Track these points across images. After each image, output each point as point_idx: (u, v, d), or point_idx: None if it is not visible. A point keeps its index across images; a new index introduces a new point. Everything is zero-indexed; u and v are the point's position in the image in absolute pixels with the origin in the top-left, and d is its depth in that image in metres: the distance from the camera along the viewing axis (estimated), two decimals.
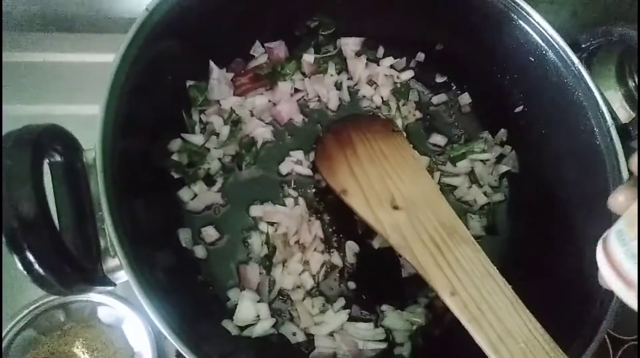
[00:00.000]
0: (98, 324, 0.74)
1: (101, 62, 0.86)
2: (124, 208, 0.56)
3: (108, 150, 0.55)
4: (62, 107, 0.84)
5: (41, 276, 0.44)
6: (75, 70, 0.86)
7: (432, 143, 0.87)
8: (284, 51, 0.85)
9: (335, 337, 0.71)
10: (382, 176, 0.73)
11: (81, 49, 0.89)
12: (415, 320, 0.74)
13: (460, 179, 0.84)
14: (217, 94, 0.79)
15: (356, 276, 0.76)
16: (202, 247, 0.73)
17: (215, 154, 0.77)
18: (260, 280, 0.72)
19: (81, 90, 0.77)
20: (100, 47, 0.88)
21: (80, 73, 0.86)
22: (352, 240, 0.77)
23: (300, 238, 0.75)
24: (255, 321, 0.69)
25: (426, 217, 0.68)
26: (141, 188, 0.65)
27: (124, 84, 0.59)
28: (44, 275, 0.45)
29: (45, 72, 0.87)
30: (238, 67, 0.83)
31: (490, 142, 0.86)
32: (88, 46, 0.89)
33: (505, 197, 0.84)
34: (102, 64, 0.82)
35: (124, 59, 0.59)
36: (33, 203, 0.43)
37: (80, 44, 0.89)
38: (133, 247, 0.53)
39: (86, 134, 0.57)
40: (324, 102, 0.86)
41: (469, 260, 0.63)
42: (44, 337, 0.72)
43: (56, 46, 0.89)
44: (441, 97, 0.90)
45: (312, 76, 0.86)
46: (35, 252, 0.43)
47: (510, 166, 0.84)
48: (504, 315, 0.58)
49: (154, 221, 0.67)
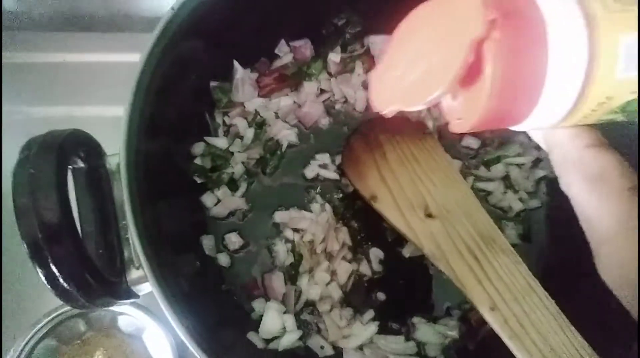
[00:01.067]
0: (118, 333, 0.72)
1: (121, 62, 0.84)
2: (148, 216, 0.53)
3: (132, 154, 0.53)
4: (83, 109, 0.82)
5: (65, 290, 0.42)
6: (95, 70, 0.84)
7: (465, 146, 0.83)
8: (309, 50, 0.82)
9: (365, 350, 0.68)
10: (413, 181, 0.70)
11: (101, 49, 0.87)
12: (448, 333, 0.70)
13: (495, 184, 0.80)
14: (242, 96, 0.76)
15: (386, 287, 0.73)
16: (225, 255, 0.71)
17: (239, 158, 0.75)
18: (286, 290, 0.70)
19: (102, 91, 0.75)
20: (121, 46, 0.86)
21: (100, 73, 0.84)
22: (378, 247, 0.74)
23: (327, 246, 0.72)
24: (281, 333, 0.66)
25: (462, 225, 0.64)
26: (164, 194, 0.62)
27: (148, 85, 0.57)
28: (68, 289, 0.43)
29: (65, 72, 0.86)
30: (263, 67, 0.80)
31: (526, 145, 0.81)
32: (108, 46, 0.87)
33: (543, 203, 0.80)
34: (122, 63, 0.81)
35: (149, 59, 0.57)
36: (57, 213, 0.41)
37: (100, 43, 0.87)
38: (157, 257, 0.51)
39: (108, 138, 0.55)
40: (350, 104, 0.83)
41: (509, 272, 0.60)
42: (65, 346, 0.70)
43: (76, 46, 0.88)
44: None
45: (339, 76, 0.83)
46: (59, 265, 0.41)
47: (548, 171, 0.80)
48: (547, 332, 0.54)
49: (177, 228, 0.65)
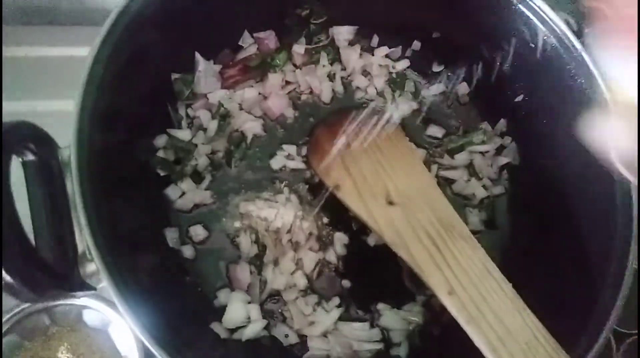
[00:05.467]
0: (84, 328, 0.71)
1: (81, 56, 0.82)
2: (104, 209, 0.53)
3: (85, 147, 0.52)
4: (42, 103, 0.81)
5: (9, 284, 0.42)
6: (57, 64, 0.83)
7: (429, 135, 0.84)
8: (274, 41, 0.82)
9: (329, 338, 0.68)
10: (376, 170, 0.70)
11: (64, 43, 0.85)
12: (412, 319, 0.71)
13: (459, 172, 0.81)
14: (204, 87, 0.76)
15: (351, 275, 0.73)
16: (190, 247, 0.70)
17: (203, 150, 0.74)
18: (251, 280, 0.70)
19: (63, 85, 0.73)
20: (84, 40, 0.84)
21: (62, 67, 0.83)
22: (342, 232, 0.74)
23: (293, 236, 0.72)
24: (245, 323, 0.67)
25: (422, 213, 0.65)
26: (124, 187, 0.62)
27: (101, 77, 0.57)
28: (13, 284, 0.42)
29: (26, 67, 0.84)
30: (226, 58, 0.80)
31: (489, 133, 0.82)
32: (71, 39, 0.86)
33: (506, 190, 0.81)
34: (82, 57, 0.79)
35: (100, 51, 0.57)
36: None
37: (62, 37, 0.86)
38: (113, 250, 0.51)
39: (65, 131, 0.54)
40: (316, 95, 0.83)
41: (468, 258, 0.61)
42: (28, 342, 0.70)
43: (38, 40, 0.86)
44: (438, 87, 0.86)
45: (304, 67, 0.83)
46: (4, 261, 0.40)
47: (511, 158, 0.81)
48: (504, 315, 0.56)
49: (138, 221, 0.65)
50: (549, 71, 0.71)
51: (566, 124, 0.71)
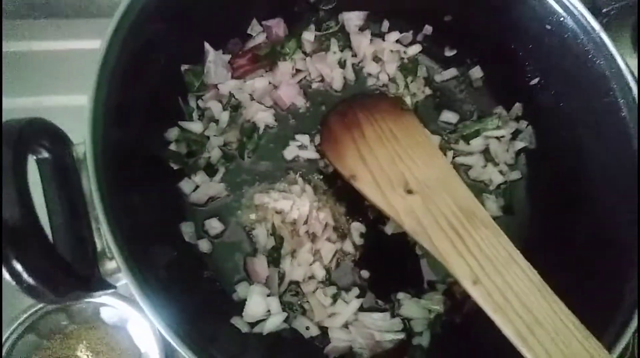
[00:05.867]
0: (102, 325, 0.71)
1: (89, 49, 0.81)
2: (120, 205, 0.52)
3: (99, 142, 0.51)
4: (51, 99, 0.80)
5: (32, 286, 0.41)
6: (62, 58, 0.82)
7: (444, 121, 0.82)
8: (283, 29, 0.80)
9: (351, 329, 0.67)
10: (392, 158, 0.69)
11: (68, 36, 0.84)
12: (433, 308, 0.70)
13: (475, 158, 0.79)
14: (214, 78, 0.75)
15: (370, 265, 0.72)
16: (206, 241, 0.70)
17: (215, 142, 0.73)
18: (269, 272, 0.69)
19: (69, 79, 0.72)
20: (88, 33, 0.83)
21: (68, 61, 0.81)
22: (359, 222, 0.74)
23: (309, 227, 0.71)
24: (265, 316, 0.66)
25: (443, 201, 0.64)
26: (138, 182, 0.61)
27: (113, 71, 0.55)
28: (35, 285, 0.41)
29: (31, 61, 0.83)
30: (235, 48, 0.78)
31: (504, 118, 0.81)
32: (75, 33, 0.84)
33: (523, 175, 0.80)
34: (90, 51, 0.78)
35: (111, 44, 0.55)
36: (17, 206, 0.40)
37: (66, 30, 0.85)
38: (132, 247, 0.50)
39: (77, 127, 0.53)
40: (327, 83, 0.82)
41: (491, 245, 0.60)
42: (46, 341, 0.69)
43: (42, 34, 0.85)
44: (451, 72, 0.85)
45: (314, 55, 0.81)
46: (23, 261, 0.39)
47: (527, 142, 0.80)
48: (531, 303, 0.54)
49: (154, 216, 0.64)
50: (566, 52, 0.69)
51: (585, 106, 0.70)
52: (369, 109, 0.75)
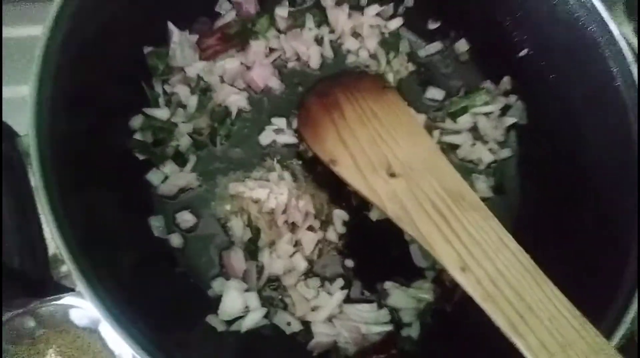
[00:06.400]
0: (72, 328, 0.67)
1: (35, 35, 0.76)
2: (75, 203, 0.48)
3: (46, 134, 0.47)
4: None
5: None
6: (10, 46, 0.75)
7: (429, 98, 0.78)
8: (254, 5, 0.76)
9: (335, 322, 0.64)
10: (374, 140, 0.65)
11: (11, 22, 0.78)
12: (422, 297, 0.67)
13: (463, 136, 0.76)
14: (181, 60, 0.70)
15: (354, 253, 0.69)
16: (177, 235, 0.66)
17: (184, 129, 0.69)
18: (247, 266, 0.65)
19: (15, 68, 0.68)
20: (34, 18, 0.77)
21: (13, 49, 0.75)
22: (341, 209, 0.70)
23: (289, 216, 0.67)
24: (244, 313, 0.62)
25: (428, 183, 0.60)
26: (99, 176, 0.57)
27: (60, 56, 0.51)
28: None
29: None
30: (203, 27, 0.74)
31: (493, 92, 0.77)
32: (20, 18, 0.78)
33: (514, 153, 0.76)
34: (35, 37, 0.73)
35: (54, 28, 0.51)
36: None
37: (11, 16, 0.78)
38: (88, 248, 0.46)
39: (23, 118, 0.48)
40: (304, 61, 0.77)
41: (480, 229, 0.56)
42: (13, 347, 0.65)
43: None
44: (435, 46, 0.81)
45: (288, 32, 0.77)
46: None
47: (517, 118, 0.76)
48: (523, 290, 0.51)
49: (118, 212, 0.59)
50: (555, 20, 0.65)
51: (577, 77, 0.66)
52: (349, 88, 0.71)
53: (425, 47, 0.81)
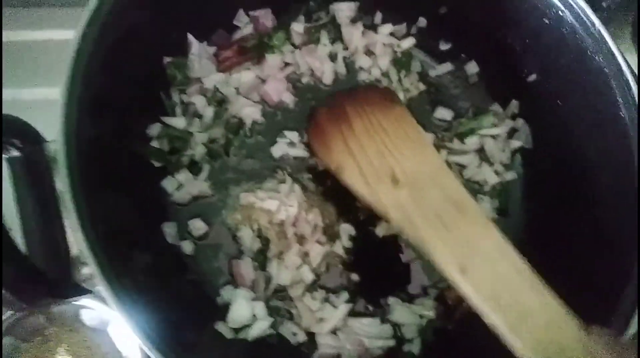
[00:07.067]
0: (82, 328, 0.69)
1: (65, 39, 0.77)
2: (97, 206, 0.49)
3: (73, 139, 0.49)
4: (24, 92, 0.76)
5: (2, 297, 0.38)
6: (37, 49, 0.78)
7: (438, 118, 0.80)
8: (271, 20, 0.77)
9: (339, 335, 0.65)
10: (381, 152, 0.66)
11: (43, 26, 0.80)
12: (424, 314, 0.68)
13: (469, 157, 0.77)
14: (199, 71, 0.71)
15: (360, 268, 0.70)
16: (189, 242, 0.67)
17: (199, 139, 0.70)
18: (255, 276, 0.66)
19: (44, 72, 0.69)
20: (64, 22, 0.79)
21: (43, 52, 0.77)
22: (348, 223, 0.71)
23: (298, 228, 0.68)
24: (251, 322, 0.64)
25: (432, 194, 0.60)
26: (117, 181, 0.58)
27: (88, 63, 0.52)
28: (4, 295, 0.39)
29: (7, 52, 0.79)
30: (221, 39, 0.75)
31: (500, 115, 0.79)
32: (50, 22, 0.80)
33: (519, 176, 0.77)
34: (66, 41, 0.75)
35: (85, 35, 0.52)
36: None
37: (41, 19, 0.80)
38: (108, 251, 0.47)
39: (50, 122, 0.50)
40: (317, 77, 0.79)
41: (482, 237, 0.57)
42: (25, 344, 0.67)
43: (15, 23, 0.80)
44: (446, 67, 0.82)
45: (303, 47, 0.78)
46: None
47: (524, 142, 0.77)
48: (522, 295, 0.52)
49: (134, 217, 0.61)
50: (564, 48, 0.67)
51: (583, 104, 0.68)
52: (358, 101, 0.72)
53: (436, 68, 0.82)
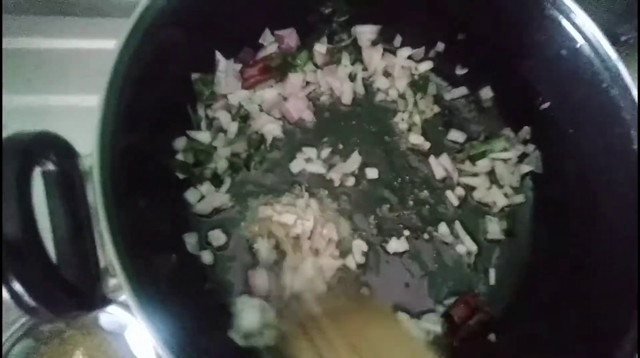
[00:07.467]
0: (100, 332, 0.71)
1: (100, 49, 0.80)
2: (126, 218, 0.51)
3: (107, 150, 0.50)
4: (58, 98, 0.79)
5: (32, 308, 0.40)
6: (72, 57, 0.80)
7: (451, 140, 0.82)
8: (295, 40, 0.79)
9: None
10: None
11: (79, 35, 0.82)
12: (431, 329, 0.70)
13: (480, 179, 0.79)
14: (225, 88, 0.74)
15: (370, 282, 0.72)
16: (209, 252, 0.69)
17: (222, 153, 0.73)
18: (270, 286, 0.68)
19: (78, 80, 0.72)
20: (100, 32, 0.82)
21: (78, 61, 0.80)
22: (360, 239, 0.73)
23: (313, 242, 0.71)
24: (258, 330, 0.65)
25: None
26: (145, 193, 0.60)
27: (125, 75, 0.54)
28: (35, 306, 0.40)
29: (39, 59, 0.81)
30: (246, 57, 0.78)
31: (512, 140, 0.81)
32: (87, 31, 0.83)
33: (527, 199, 0.79)
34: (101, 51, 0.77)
35: (126, 46, 0.54)
36: (18, 222, 0.39)
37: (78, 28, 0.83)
38: (135, 262, 0.49)
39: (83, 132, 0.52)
40: (336, 96, 0.81)
41: None
42: (44, 346, 0.69)
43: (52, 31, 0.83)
44: (461, 91, 0.84)
45: (325, 67, 0.81)
46: (24, 281, 0.39)
47: (534, 166, 0.79)
48: None
49: (158, 227, 0.63)
50: (580, 79, 0.69)
51: (595, 135, 0.70)
52: None
53: (451, 91, 0.85)
